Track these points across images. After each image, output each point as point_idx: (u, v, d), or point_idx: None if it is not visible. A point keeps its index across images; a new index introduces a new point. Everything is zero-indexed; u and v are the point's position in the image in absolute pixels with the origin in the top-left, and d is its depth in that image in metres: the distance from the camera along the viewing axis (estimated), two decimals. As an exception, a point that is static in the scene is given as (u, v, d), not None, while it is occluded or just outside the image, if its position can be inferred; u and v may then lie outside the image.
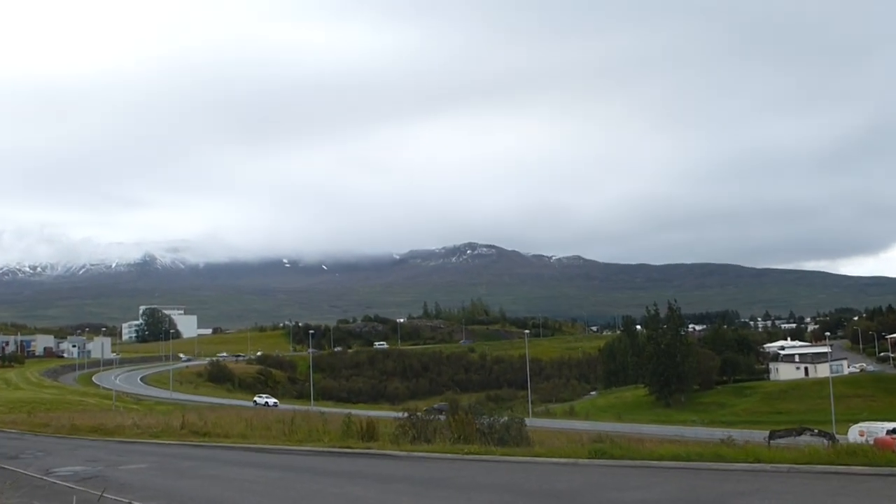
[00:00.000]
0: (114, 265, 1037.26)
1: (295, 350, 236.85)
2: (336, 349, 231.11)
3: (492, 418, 30.83)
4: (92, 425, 45.09)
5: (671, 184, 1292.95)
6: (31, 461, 27.17)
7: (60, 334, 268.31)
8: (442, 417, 32.14)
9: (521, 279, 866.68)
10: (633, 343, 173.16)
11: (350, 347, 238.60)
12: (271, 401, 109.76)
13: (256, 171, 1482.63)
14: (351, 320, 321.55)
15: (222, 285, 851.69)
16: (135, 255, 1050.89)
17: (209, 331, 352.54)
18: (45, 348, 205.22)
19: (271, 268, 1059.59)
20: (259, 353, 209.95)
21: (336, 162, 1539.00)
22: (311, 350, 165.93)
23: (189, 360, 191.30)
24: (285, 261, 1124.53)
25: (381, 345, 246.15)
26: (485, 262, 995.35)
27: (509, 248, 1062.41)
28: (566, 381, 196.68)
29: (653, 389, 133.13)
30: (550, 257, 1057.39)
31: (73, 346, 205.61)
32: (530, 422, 64.92)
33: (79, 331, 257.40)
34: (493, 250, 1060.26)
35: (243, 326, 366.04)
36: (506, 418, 31.50)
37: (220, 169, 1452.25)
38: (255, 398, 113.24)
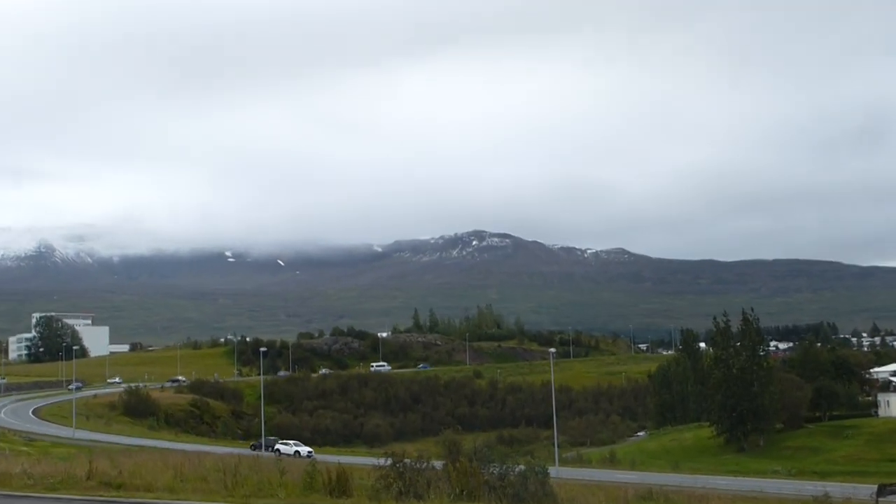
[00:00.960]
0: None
1: (240, 374, 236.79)
2: (296, 373, 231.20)
3: (505, 467, 30.85)
4: (-33, 474, 44.95)
5: (747, 153, 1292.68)
6: None
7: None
8: (438, 465, 32.16)
9: (544, 280, 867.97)
10: (695, 367, 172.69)
11: (315, 371, 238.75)
12: (304, 449, 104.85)
13: (189, 135, 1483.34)
14: (316, 334, 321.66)
15: (143, 286, 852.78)
16: (25, 245, 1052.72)
17: (125, 347, 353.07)
18: None
19: (209, 263, 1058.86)
20: (192, 378, 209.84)
21: (296, 122, 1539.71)
22: (262, 375, 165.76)
23: (107, 384, 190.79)
24: (228, 254, 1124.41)
25: (380, 366, 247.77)
26: (496, 257, 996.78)
27: (529, 238, 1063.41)
28: (605, 417, 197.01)
29: (721, 429, 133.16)
30: (584, 251, 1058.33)
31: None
32: (556, 472, 64.83)
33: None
34: (508, 241, 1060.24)
35: (172, 342, 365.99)
36: (523, 467, 31.52)
37: (139, 132, 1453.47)
38: (279, 445, 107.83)
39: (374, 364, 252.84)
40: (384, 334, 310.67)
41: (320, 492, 30.37)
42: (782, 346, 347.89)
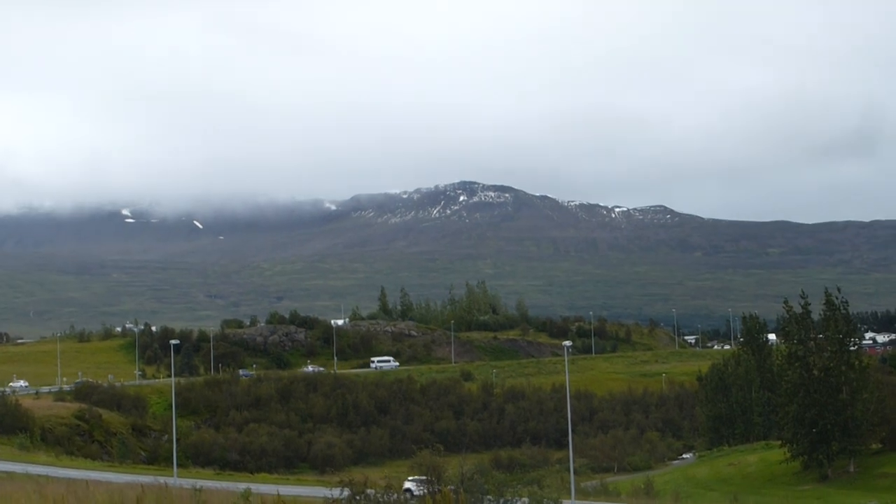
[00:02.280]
0: None
1: (144, 376, 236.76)
2: (219, 375, 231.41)
3: (502, 501, 31.08)
4: None
5: (834, 75, 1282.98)
6: None
7: None
8: (414, 494, 32.35)
9: (556, 248, 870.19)
10: (761, 367, 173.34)
11: (247, 370, 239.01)
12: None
13: (68, 54, 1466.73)
14: (247, 322, 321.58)
15: (9, 256, 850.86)
16: None
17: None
18: None
19: (99, 225, 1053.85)
20: (78, 381, 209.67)
21: (213, 36, 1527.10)
22: (173, 377, 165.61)
23: None
24: (125, 213, 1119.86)
25: (385, 361, 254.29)
26: (492, 218, 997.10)
27: (535, 193, 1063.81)
28: (639, 433, 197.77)
29: (798, 450, 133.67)
30: (611, 209, 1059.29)
31: None
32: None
33: None
34: (507, 196, 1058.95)
35: (49, 332, 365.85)
36: (527, 500, 31.77)
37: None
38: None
39: (378, 360, 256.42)
40: (339, 322, 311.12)
41: (252, 533, 30.57)
42: (882, 338, 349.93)
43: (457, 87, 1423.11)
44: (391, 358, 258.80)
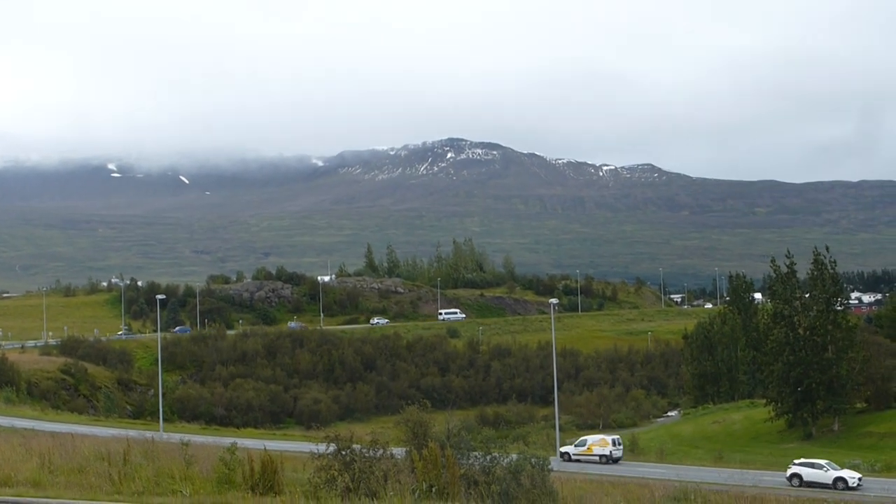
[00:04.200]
0: None
1: (130, 330, 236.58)
2: (206, 330, 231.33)
3: (489, 457, 31.01)
4: None
5: (824, 34, 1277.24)
6: None
7: None
8: (398, 453, 32.30)
9: (543, 206, 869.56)
10: (747, 325, 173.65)
11: (232, 327, 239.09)
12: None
13: (57, 5, 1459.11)
14: (233, 277, 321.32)
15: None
16: None
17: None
18: None
19: (85, 180, 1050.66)
20: (64, 336, 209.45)
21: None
22: (159, 331, 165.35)
23: None
24: (111, 167, 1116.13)
25: (377, 321, 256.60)
26: (479, 175, 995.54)
27: (523, 150, 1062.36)
28: (624, 391, 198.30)
29: (782, 408, 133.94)
30: (599, 167, 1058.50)
31: None
32: (558, 463, 65.29)
33: None
34: (495, 153, 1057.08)
35: (34, 286, 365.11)
36: (514, 457, 31.71)
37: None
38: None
39: (375, 319, 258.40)
40: (326, 278, 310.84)
41: (239, 487, 30.48)
42: (868, 298, 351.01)
43: (446, 45, 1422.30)
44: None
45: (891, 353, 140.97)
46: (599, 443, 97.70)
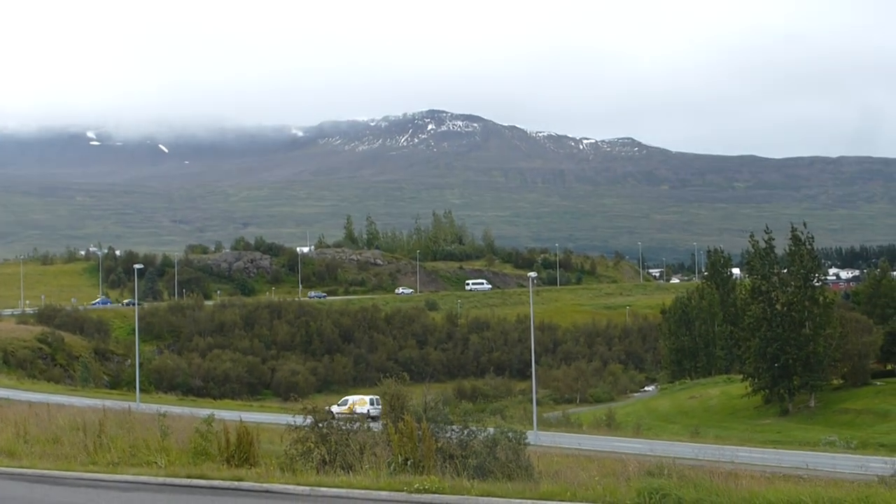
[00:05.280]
0: None
1: (107, 300, 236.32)
2: (183, 300, 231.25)
3: (466, 430, 31.05)
4: None
5: (802, 8, 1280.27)
6: None
7: None
8: (375, 426, 32.34)
9: (523, 179, 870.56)
10: (724, 300, 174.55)
11: (210, 297, 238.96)
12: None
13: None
14: (212, 248, 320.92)
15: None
16: None
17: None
18: None
19: (63, 147, 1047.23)
20: (41, 305, 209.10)
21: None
22: (136, 301, 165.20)
23: None
24: (90, 135, 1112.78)
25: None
26: (459, 147, 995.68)
27: (504, 123, 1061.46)
28: (602, 365, 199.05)
29: (759, 384, 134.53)
30: (579, 141, 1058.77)
31: None
32: (535, 437, 65.45)
33: None
34: (476, 125, 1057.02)
35: (11, 254, 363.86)
36: (491, 430, 31.77)
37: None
38: (334, 407, 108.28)
39: (313, 293, 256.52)
40: (305, 249, 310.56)
41: (215, 459, 30.52)
42: (845, 274, 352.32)
43: (427, 16, 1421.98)
44: (483, 281, 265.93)
45: (867, 329, 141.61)
46: (359, 402, 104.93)
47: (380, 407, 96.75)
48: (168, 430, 36.39)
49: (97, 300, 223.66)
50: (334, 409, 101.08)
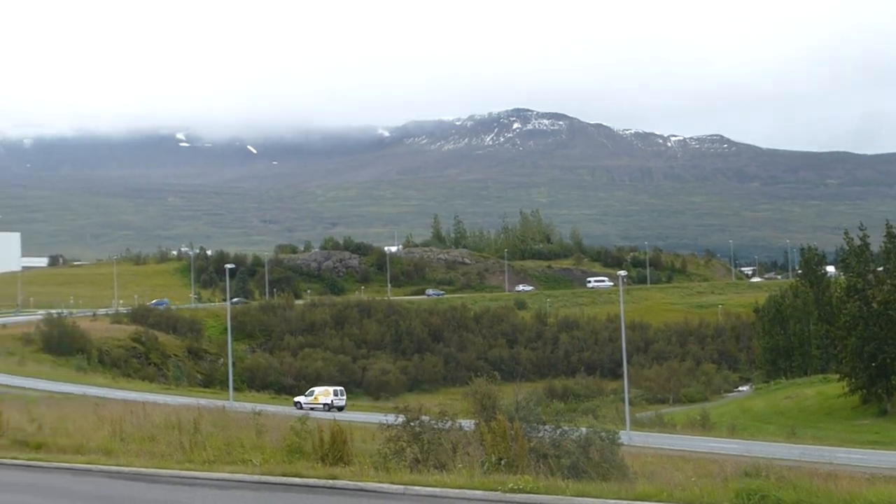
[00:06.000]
0: None
1: (199, 299, 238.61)
2: (274, 299, 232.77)
3: (558, 430, 30.94)
4: None
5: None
6: None
7: None
8: (467, 425, 32.34)
9: (611, 177, 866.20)
10: (819, 299, 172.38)
11: (300, 296, 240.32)
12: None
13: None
14: (301, 247, 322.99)
15: (65, 180, 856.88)
16: None
17: (43, 261, 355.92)
18: None
19: (154, 149, 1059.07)
20: (134, 304, 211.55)
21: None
22: (228, 300, 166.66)
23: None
24: (180, 137, 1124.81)
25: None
26: (545, 146, 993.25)
27: (590, 121, 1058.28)
28: (695, 364, 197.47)
29: (856, 384, 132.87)
30: (667, 138, 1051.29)
31: None
32: (628, 437, 65.10)
33: None
34: (561, 123, 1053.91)
35: (105, 255, 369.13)
36: (584, 430, 31.63)
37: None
38: (299, 398, 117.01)
39: (431, 291, 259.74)
40: (393, 249, 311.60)
41: (309, 457, 30.68)
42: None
43: (512, 14, 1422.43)
44: (605, 278, 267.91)
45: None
46: (323, 393, 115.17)
47: (343, 398, 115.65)
48: (263, 429, 36.72)
49: (155, 301, 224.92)
50: (302, 399, 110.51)
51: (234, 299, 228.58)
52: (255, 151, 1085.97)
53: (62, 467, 32.50)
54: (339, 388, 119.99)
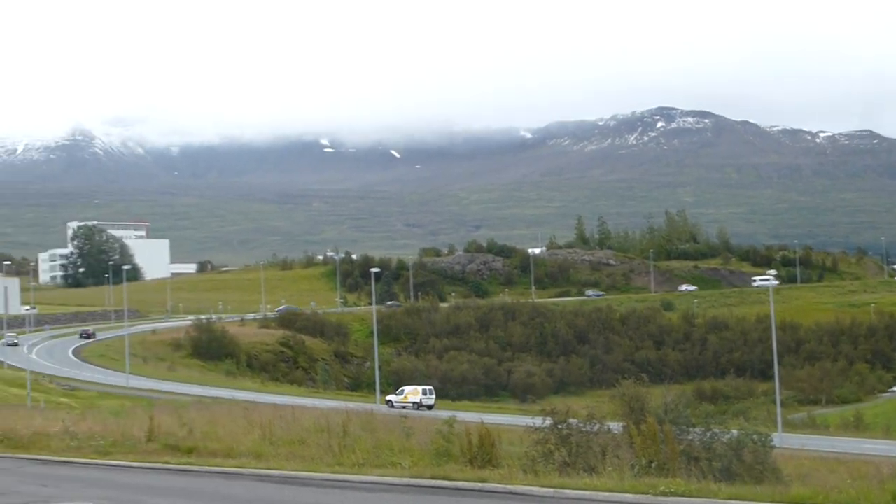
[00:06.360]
0: (20, 150, 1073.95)
1: (345, 303, 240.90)
2: (419, 303, 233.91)
3: (708, 432, 30.58)
4: (-7, 432, 46.96)
5: None
6: None
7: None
8: (615, 428, 32.11)
9: (758, 175, 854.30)
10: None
11: (445, 299, 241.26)
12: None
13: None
14: (445, 250, 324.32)
15: (213, 186, 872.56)
16: (56, 132, 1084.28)
17: (192, 267, 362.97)
18: None
19: (300, 155, 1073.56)
20: (282, 308, 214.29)
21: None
22: (374, 304, 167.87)
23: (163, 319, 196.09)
24: (324, 142, 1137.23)
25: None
26: (690, 144, 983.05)
27: (736, 118, 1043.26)
28: (847, 364, 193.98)
29: None
30: (815, 135, 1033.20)
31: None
32: (780, 439, 64.09)
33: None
34: (707, 121, 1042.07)
35: (252, 260, 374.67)
36: (735, 432, 31.22)
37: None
38: (391, 396, 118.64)
39: (591, 291, 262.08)
40: (536, 251, 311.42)
41: (457, 460, 30.72)
42: None
43: (654, 9, 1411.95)
44: (771, 276, 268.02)
45: None
46: (413, 392, 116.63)
47: (432, 397, 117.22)
48: (410, 431, 36.87)
49: (281, 307, 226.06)
50: (393, 398, 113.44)
51: (389, 302, 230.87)
52: (398, 155, 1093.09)
53: (213, 471, 32.95)
54: (427, 387, 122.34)
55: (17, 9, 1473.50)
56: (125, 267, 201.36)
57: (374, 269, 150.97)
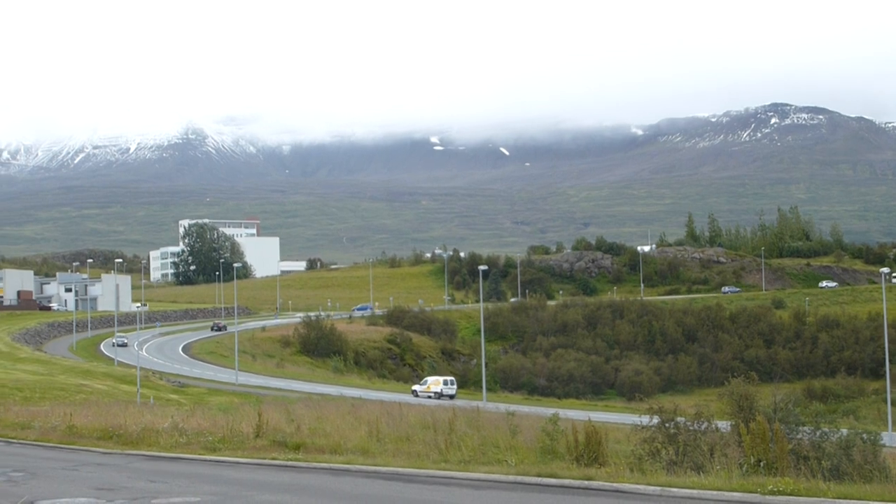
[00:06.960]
0: (133, 149, 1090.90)
1: (452, 301, 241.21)
2: (526, 300, 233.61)
3: (818, 432, 30.27)
4: (102, 427, 47.25)
5: None
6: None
7: (45, 268, 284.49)
8: (723, 426, 31.89)
9: (873, 172, 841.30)
10: None
11: (552, 297, 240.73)
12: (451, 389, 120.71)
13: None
14: (553, 248, 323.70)
15: (323, 184, 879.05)
16: (168, 131, 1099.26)
17: (301, 265, 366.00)
18: (18, 293, 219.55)
19: (409, 153, 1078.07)
20: (389, 306, 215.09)
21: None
22: (481, 301, 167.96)
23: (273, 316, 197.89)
24: (434, 140, 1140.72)
25: (730, 290, 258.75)
26: (804, 141, 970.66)
27: (851, 114, 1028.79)
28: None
29: None
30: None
31: (68, 289, 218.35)
32: (890, 438, 63.08)
33: (76, 262, 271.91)
34: (821, 118, 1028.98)
35: (361, 258, 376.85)
36: (845, 432, 30.86)
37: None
38: (416, 386, 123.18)
39: (727, 288, 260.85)
40: (646, 248, 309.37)
41: (563, 458, 30.72)
42: None
43: (767, 4, 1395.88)
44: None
45: None
46: (435, 382, 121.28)
47: (454, 387, 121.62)
48: (516, 429, 36.89)
49: (359, 306, 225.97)
50: (417, 388, 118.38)
51: (513, 299, 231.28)
52: (507, 153, 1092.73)
53: (320, 467, 33.21)
54: (449, 377, 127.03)
55: (132, 11, 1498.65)
56: (236, 265, 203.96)
57: (481, 267, 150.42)
